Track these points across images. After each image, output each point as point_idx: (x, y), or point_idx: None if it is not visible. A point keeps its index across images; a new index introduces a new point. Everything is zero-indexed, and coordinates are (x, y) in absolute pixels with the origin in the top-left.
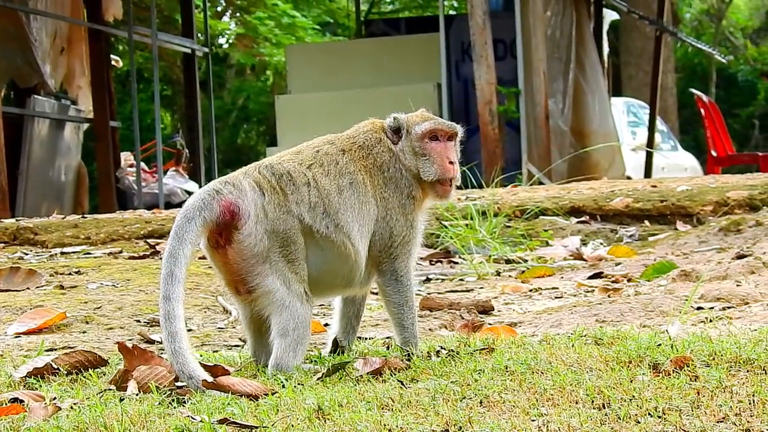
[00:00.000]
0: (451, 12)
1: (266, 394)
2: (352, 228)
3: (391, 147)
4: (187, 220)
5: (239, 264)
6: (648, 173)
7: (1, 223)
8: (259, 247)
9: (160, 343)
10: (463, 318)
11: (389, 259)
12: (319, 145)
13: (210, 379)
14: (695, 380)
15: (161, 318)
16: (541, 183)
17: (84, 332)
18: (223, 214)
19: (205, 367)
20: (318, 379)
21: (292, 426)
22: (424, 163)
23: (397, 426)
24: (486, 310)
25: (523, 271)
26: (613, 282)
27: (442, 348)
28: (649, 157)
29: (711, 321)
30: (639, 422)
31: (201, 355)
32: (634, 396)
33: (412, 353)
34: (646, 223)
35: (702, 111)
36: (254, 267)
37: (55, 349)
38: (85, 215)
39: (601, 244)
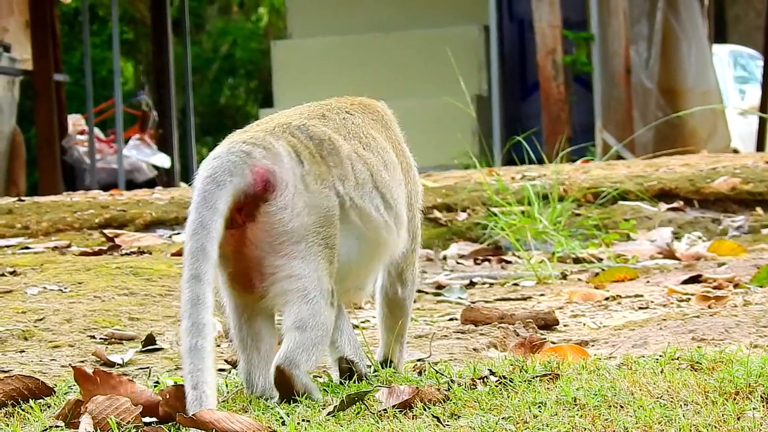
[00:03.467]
0: None
1: None
2: (401, 212)
3: None
4: (216, 185)
5: (263, 244)
6: (761, 145)
7: None
8: (294, 223)
9: (122, 365)
10: (518, 335)
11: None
12: (340, 107)
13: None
14: None
15: (185, 303)
16: (620, 157)
17: (22, 351)
18: (256, 183)
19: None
20: (329, 413)
21: None
22: None
23: None
24: (548, 324)
25: (597, 274)
26: (714, 288)
27: (490, 373)
28: (762, 123)
29: None
30: None
31: (175, 382)
32: None
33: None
34: (759, 210)
35: None
36: (282, 246)
37: None
38: (22, 198)
39: (700, 237)
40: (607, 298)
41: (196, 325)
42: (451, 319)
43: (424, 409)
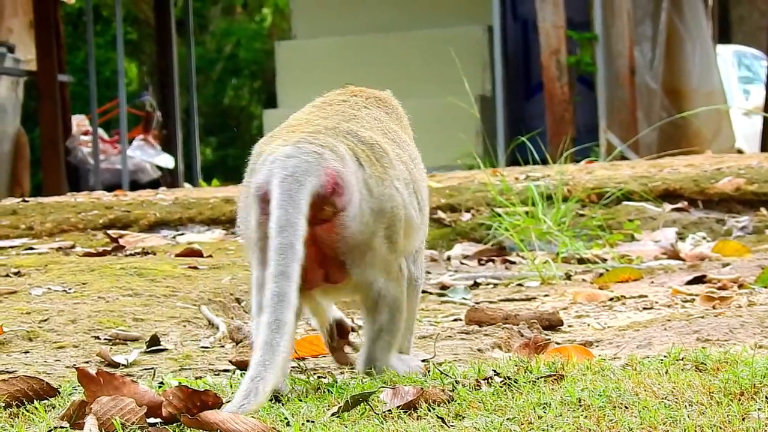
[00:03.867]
0: None
1: None
2: (426, 211)
3: None
4: (298, 184)
5: (331, 247)
6: (766, 145)
7: None
8: (364, 231)
9: (126, 365)
10: (522, 335)
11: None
12: (358, 103)
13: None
14: None
15: (271, 298)
16: (624, 158)
17: (27, 352)
18: (327, 185)
19: (191, 393)
20: (333, 414)
21: None
22: None
23: None
24: (552, 324)
25: (601, 274)
26: (719, 288)
27: (495, 374)
28: (767, 124)
29: None
30: None
31: (180, 383)
32: None
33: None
34: (763, 211)
35: None
36: (351, 252)
37: None
38: (26, 198)
39: (704, 238)
40: (611, 299)
41: (278, 322)
42: (455, 320)
43: (429, 410)
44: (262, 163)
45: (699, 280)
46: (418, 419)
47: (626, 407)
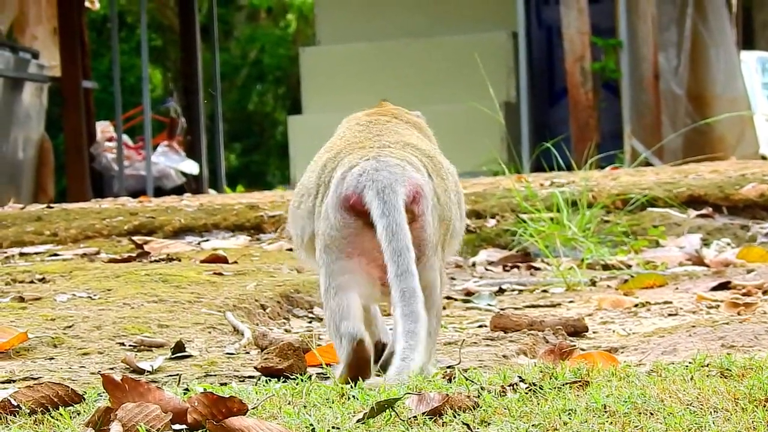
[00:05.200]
0: None
1: None
2: (464, 223)
3: None
4: (395, 193)
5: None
6: None
7: None
8: (433, 236)
9: (151, 372)
10: (547, 341)
11: None
12: (402, 124)
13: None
14: None
15: (400, 294)
16: (648, 164)
17: (51, 359)
18: (411, 193)
19: (216, 400)
20: (359, 420)
21: None
22: None
23: None
24: (577, 331)
25: (626, 280)
26: (743, 295)
27: (520, 380)
28: None
29: None
30: None
31: (205, 389)
32: None
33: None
34: None
35: None
36: (421, 256)
37: (14, 381)
38: (51, 204)
39: (729, 244)
40: (636, 305)
41: (414, 314)
42: (480, 326)
43: (454, 416)
44: (343, 175)
45: (724, 286)
46: (443, 426)
47: (651, 414)
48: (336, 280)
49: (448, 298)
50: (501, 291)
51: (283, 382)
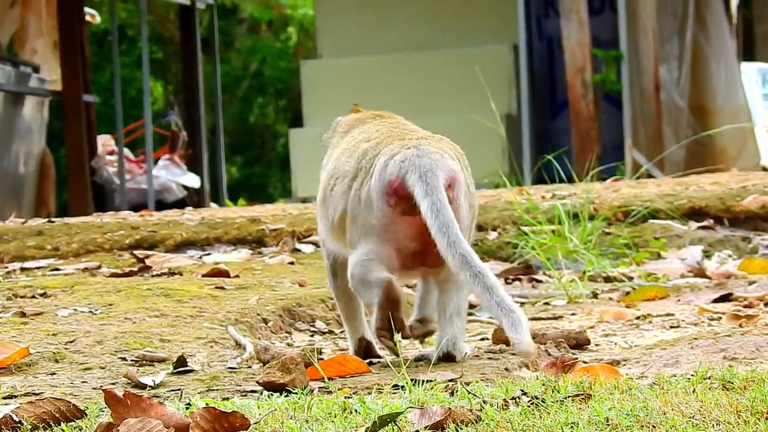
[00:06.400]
0: None
1: None
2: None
3: None
4: (436, 177)
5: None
6: None
7: None
8: (465, 222)
9: (153, 387)
10: (549, 354)
11: None
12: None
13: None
14: None
15: (459, 262)
16: (650, 175)
17: (53, 374)
18: (448, 179)
19: (219, 415)
20: None
21: None
22: None
23: None
24: (580, 343)
25: (628, 293)
26: (745, 307)
27: (522, 394)
28: None
29: None
30: None
31: (207, 404)
32: None
33: None
34: None
35: None
36: None
37: (16, 396)
38: (52, 219)
39: (730, 256)
40: (638, 317)
41: (481, 272)
42: (482, 339)
43: (457, 430)
44: (386, 163)
45: (725, 298)
46: None
47: (654, 427)
48: (368, 257)
49: None
50: None
51: (286, 396)
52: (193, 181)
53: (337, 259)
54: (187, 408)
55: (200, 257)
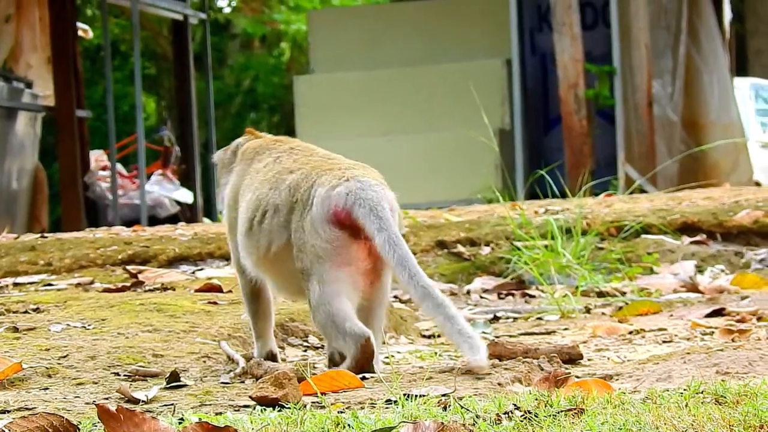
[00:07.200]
0: None
1: None
2: None
3: None
4: (384, 209)
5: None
6: None
7: None
8: None
9: (146, 402)
10: (542, 369)
11: None
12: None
13: None
14: None
15: (421, 292)
16: (643, 191)
17: (46, 389)
18: (390, 209)
19: (211, 430)
20: None
21: None
22: None
23: None
24: (572, 358)
25: (621, 308)
26: (738, 321)
27: (515, 408)
28: None
29: None
30: None
31: (200, 419)
32: None
33: None
34: None
35: None
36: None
37: (8, 411)
38: (45, 234)
39: (723, 271)
40: (631, 332)
41: (442, 302)
42: None
43: None
44: (328, 194)
45: (718, 312)
46: None
47: None
48: (330, 287)
49: None
50: (496, 319)
51: (279, 411)
52: (185, 196)
53: (257, 284)
54: (180, 423)
55: (193, 272)
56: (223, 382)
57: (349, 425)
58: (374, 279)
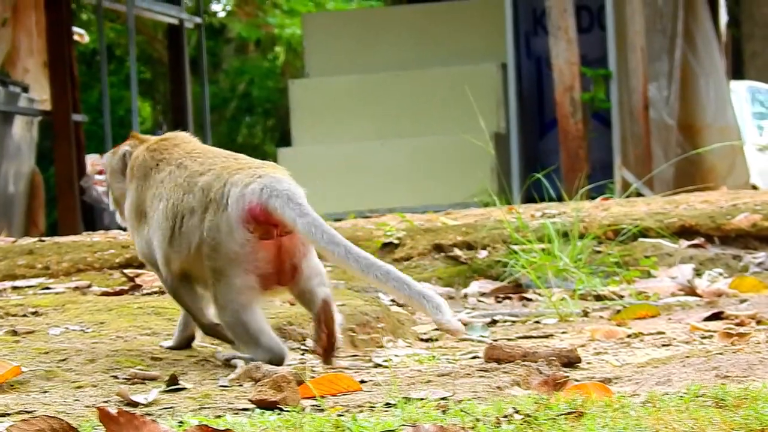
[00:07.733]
0: None
1: None
2: None
3: None
4: (300, 197)
5: (294, 255)
6: None
7: None
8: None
9: (145, 405)
10: (541, 373)
11: None
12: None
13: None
14: None
15: (362, 266)
16: (639, 194)
17: (45, 392)
18: None
19: None
20: None
21: None
22: None
23: None
24: (571, 361)
25: (619, 311)
26: (737, 325)
27: (515, 411)
28: None
29: None
30: None
31: (199, 422)
32: None
33: None
34: None
35: None
36: (308, 252)
37: (8, 414)
38: (43, 238)
39: (721, 274)
40: (629, 336)
41: (381, 266)
42: (473, 357)
43: None
44: (242, 192)
45: (717, 316)
46: None
47: None
48: (243, 295)
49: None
50: (493, 322)
51: (277, 414)
52: None
53: (183, 287)
54: (179, 426)
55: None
56: (222, 386)
57: (348, 428)
58: (293, 272)
